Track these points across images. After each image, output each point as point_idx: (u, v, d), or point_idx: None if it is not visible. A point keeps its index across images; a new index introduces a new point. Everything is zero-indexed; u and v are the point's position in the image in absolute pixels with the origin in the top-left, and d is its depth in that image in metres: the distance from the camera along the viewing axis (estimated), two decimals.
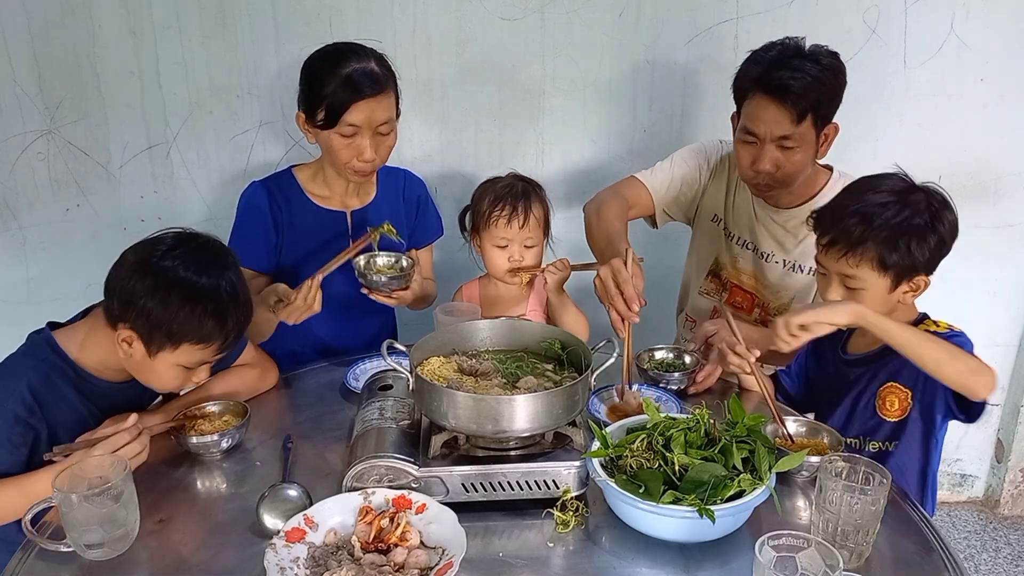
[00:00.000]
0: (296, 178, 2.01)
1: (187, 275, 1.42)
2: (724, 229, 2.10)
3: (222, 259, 1.49)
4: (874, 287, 1.52)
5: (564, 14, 2.32)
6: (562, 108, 2.43)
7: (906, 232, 1.49)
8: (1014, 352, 2.75)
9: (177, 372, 1.49)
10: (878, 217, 1.50)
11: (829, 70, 1.79)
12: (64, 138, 2.30)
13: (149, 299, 1.41)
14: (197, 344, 1.45)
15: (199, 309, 1.42)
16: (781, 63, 1.77)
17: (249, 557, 1.27)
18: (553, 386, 1.40)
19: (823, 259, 1.58)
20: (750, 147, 1.86)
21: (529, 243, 1.91)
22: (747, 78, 1.83)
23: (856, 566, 1.24)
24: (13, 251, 2.37)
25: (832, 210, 1.58)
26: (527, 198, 1.90)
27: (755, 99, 1.81)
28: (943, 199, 1.54)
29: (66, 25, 2.20)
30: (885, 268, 1.50)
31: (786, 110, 1.77)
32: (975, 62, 2.34)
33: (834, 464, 1.26)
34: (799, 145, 1.81)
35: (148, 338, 1.43)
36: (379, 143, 1.86)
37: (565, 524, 1.33)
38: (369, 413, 1.46)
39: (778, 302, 2.05)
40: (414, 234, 2.14)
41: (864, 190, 1.56)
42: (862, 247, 1.50)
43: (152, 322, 1.42)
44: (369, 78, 1.80)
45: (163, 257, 1.43)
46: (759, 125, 1.81)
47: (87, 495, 1.23)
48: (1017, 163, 2.47)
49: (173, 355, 1.46)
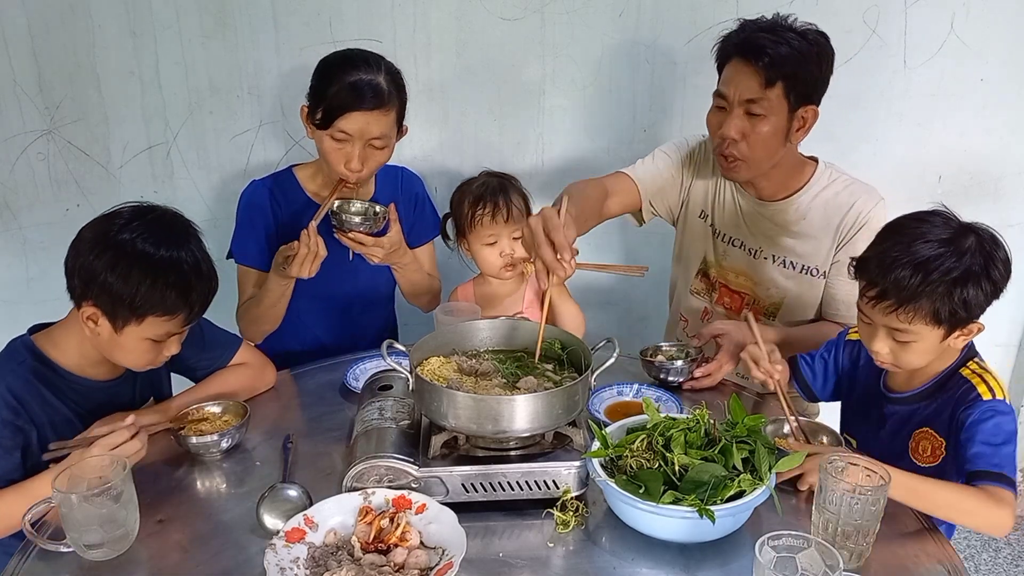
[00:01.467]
0: (296, 176, 2.02)
1: (146, 247, 1.42)
2: (711, 226, 2.06)
3: (181, 230, 1.49)
4: (927, 339, 1.42)
5: (564, 14, 2.32)
6: (562, 108, 2.43)
7: (962, 284, 1.38)
8: (1014, 352, 2.75)
9: (147, 346, 1.48)
10: (933, 271, 1.38)
11: (814, 45, 1.76)
12: (64, 138, 2.30)
13: (110, 273, 1.40)
14: (162, 316, 1.45)
15: (161, 280, 1.41)
16: (764, 30, 1.76)
17: (249, 557, 1.27)
18: (553, 386, 1.40)
19: (868, 310, 1.46)
20: (719, 112, 1.85)
21: (517, 234, 1.91)
22: (727, 43, 1.82)
23: (856, 566, 1.25)
24: (13, 251, 2.37)
25: (879, 260, 1.44)
26: (505, 192, 1.91)
27: (731, 63, 1.81)
28: (993, 239, 1.43)
29: (66, 25, 2.21)
30: (939, 322, 1.40)
31: (756, 71, 1.75)
32: (975, 62, 2.34)
33: (834, 464, 1.26)
34: (766, 113, 1.77)
35: (112, 314, 1.43)
36: (369, 155, 1.86)
37: (565, 524, 1.33)
38: (369, 413, 1.46)
39: (769, 300, 2.01)
40: (412, 231, 2.14)
41: (912, 238, 1.43)
42: (916, 303, 1.39)
43: (115, 297, 1.41)
44: (373, 90, 1.80)
45: (120, 231, 1.42)
46: (729, 87, 1.80)
47: (87, 495, 1.23)
48: (1017, 163, 2.47)
49: (139, 328, 1.45)
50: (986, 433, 1.37)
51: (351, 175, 1.87)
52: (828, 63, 1.81)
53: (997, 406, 1.40)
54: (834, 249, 1.92)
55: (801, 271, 1.95)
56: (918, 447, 1.51)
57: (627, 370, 1.86)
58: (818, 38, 1.78)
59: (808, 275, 1.95)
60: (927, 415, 1.51)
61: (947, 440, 1.47)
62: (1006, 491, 1.32)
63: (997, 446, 1.36)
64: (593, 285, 2.62)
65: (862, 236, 1.85)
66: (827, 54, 1.81)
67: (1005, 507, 1.31)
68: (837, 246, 1.91)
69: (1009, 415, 1.40)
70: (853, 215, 1.88)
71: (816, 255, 1.93)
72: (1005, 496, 1.32)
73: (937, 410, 1.49)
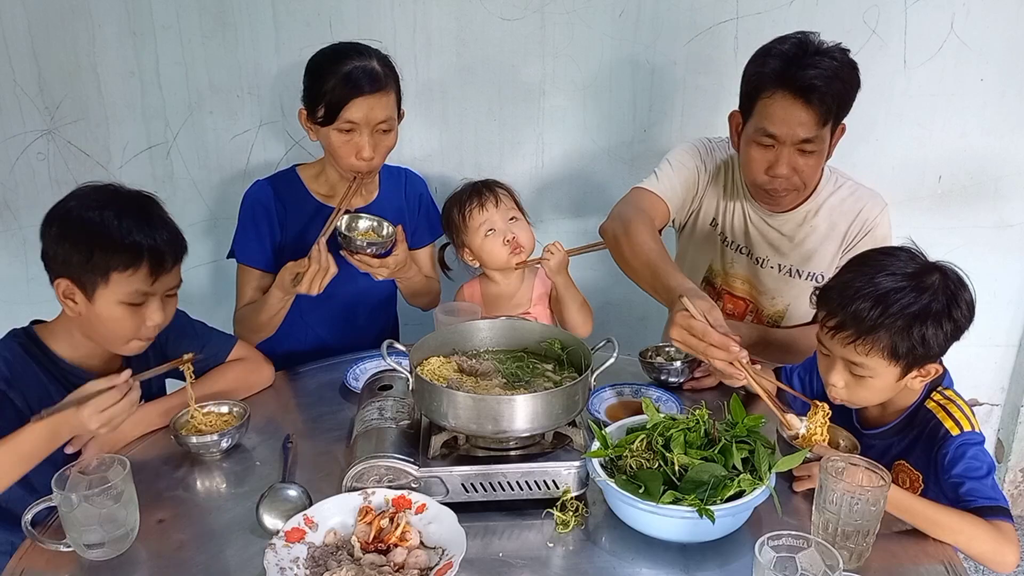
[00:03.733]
0: (300, 176, 2.01)
1: (91, 211, 1.46)
2: (720, 234, 2.03)
3: (129, 193, 1.53)
4: (882, 375, 1.40)
5: (564, 14, 2.32)
6: (562, 108, 2.43)
7: (922, 320, 1.35)
8: (1014, 352, 2.75)
9: (124, 312, 1.48)
10: (893, 304, 1.35)
11: (847, 67, 1.68)
12: (64, 138, 2.30)
13: (63, 243, 1.45)
14: (125, 271, 1.46)
15: (110, 233, 1.44)
16: (801, 59, 1.65)
17: (249, 557, 1.27)
18: (553, 386, 1.40)
19: (827, 341, 1.44)
20: (766, 150, 1.75)
21: (512, 216, 1.90)
22: (764, 74, 1.69)
23: (856, 566, 1.25)
24: (13, 251, 2.37)
25: (839, 291, 1.42)
26: (487, 185, 1.92)
27: (776, 98, 1.68)
28: (959, 279, 1.40)
29: (66, 25, 2.21)
30: (897, 358, 1.37)
31: (812, 110, 1.65)
32: (975, 62, 2.34)
33: (834, 464, 1.26)
34: (818, 149, 1.73)
35: (80, 281, 1.46)
36: (378, 142, 1.86)
37: (565, 524, 1.33)
38: (369, 413, 1.46)
39: (773, 308, 2.01)
40: (415, 232, 2.14)
41: (876, 270, 1.41)
42: (873, 335, 1.36)
43: (75, 264, 1.45)
44: (369, 75, 1.81)
45: (67, 201, 1.49)
46: (780, 127, 1.69)
47: (87, 495, 1.23)
48: (1017, 163, 2.47)
49: (108, 291, 1.46)
50: (968, 469, 1.36)
51: (364, 164, 1.86)
52: (859, 82, 1.74)
53: (968, 439, 1.39)
54: (839, 254, 1.92)
55: (806, 278, 1.95)
56: (896, 479, 1.49)
57: (627, 370, 1.85)
58: (847, 58, 1.70)
59: (813, 281, 1.94)
60: (901, 449, 1.51)
61: (925, 474, 1.47)
62: (1007, 524, 1.31)
63: (982, 479, 1.35)
64: (593, 285, 2.62)
65: (866, 243, 1.86)
66: (857, 72, 1.73)
67: (1009, 542, 1.30)
68: (842, 252, 1.91)
69: (981, 444, 1.39)
70: (859, 222, 1.88)
71: (821, 262, 1.93)
72: (1007, 529, 1.31)
73: (909, 445, 1.49)
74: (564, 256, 1.87)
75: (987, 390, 2.80)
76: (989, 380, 2.78)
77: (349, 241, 1.87)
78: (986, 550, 1.30)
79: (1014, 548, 1.30)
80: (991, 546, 1.30)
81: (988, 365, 2.75)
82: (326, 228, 1.83)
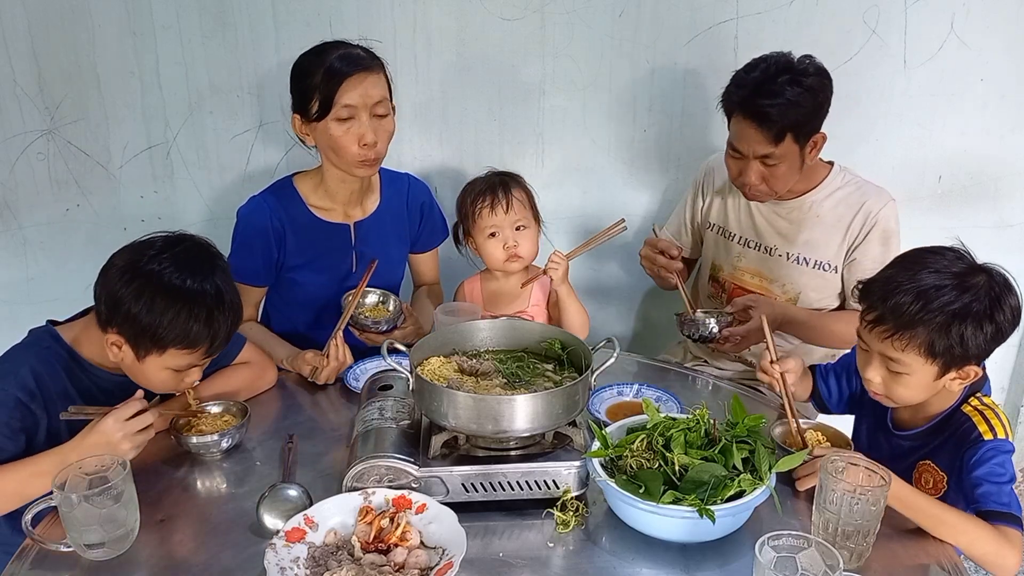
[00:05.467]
0: (297, 190, 1.97)
1: (172, 280, 1.42)
2: (721, 233, 2.16)
3: (210, 263, 1.49)
4: (918, 373, 1.39)
5: (564, 14, 2.32)
6: (562, 108, 2.43)
7: (962, 319, 1.34)
8: (1014, 352, 2.75)
9: (167, 375, 1.50)
10: (933, 300, 1.34)
11: (810, 91, 1.81)
12: (64, 138, 2.30)
13: (134, 304, 1.41)
14: (183, 349, 1.46)
15: (184, 314, 1.42)
16: (762, 87, 1.81)
17: (249, 557, 1.27)
18: (553, 386, 1.40)
19: (865, 335, 1.43)
20: (737, 160, 1.94)
21: (519, 225, 1.90)
22: (730, 100, 1.89)
23: (856, 566, 1.25)
24: (13, 251, 2.36)
25: (882, 284, 1.41)
26: (505, 185, 1.91)
27: (737, 120, 1.88)
28: (1006, 282, 1.38)
29: (66, 25, 2.20)
30: (934, 356, 1.36)
31: (764, 133, 1.83)
32: (975, 62, 2.34)
33: (834, 464, 1.26)
34: (782, 161, 1.87)
35: (135, 343, 1.44)
36: (377, 127, 1.83)
37: (565, 524, 1.33)
38: (369, 413, 1.46)
39: (785, 296, 2.07)
40: (419, 240, 2.14)
41: (919, 267, 1.39)
42: (911, 331, 1.35)
43: (138, 327, 1.42)
44: (355, 58, 1.81)
45: (149, 261, 1.43)
46: (742, 144, 1.89)
47: (87, 495, 1.23)
48: (1017, 163, 2.47)
49: (160, 359, 1.46)
50: (991, 473, 1.35)
51: (369, 151, 1.83)
52: (828, 97, 1.88)
53: (1000, 445, 1.38)
54: (846, 247, 2.00)
55: (814, 266, 2.03)
56: (920, 478, 1.50)
57: (627, 370, 1.86)
58: (816, 81, 1.84)
59: (821, 270, 2.02)
60: (930, 449, 1.50)
61: (949, 475, 1.46)
62: (1015, 530, 1.31)
63: (1001, 484, 1.34)
64: (593, 284, 2.62)
65: (873, 237, 1.96)
66: (827, 92, 1.87)
67: (1013, 547, 1.30)
68: (850, 247, 1.99)
69: (1010, 453, 1.38)
70: (863, 215, 1.97)
71: (828, 250, 2.01)
72: (1013, 536, 1.31)
73: (939, 445, 1.48)
74: (567, 265, 1.89)
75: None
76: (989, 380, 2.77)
77: (355, 319, 1.88)
78: (988, 552, 1.30)
79: (1016, 554, 1.29)
80: (993, 549, 1.29)
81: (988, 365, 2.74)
82: (341, 321, 1.82)
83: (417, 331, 1.94)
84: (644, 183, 2.53)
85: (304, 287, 2.01)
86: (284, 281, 2.01)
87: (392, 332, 1.91)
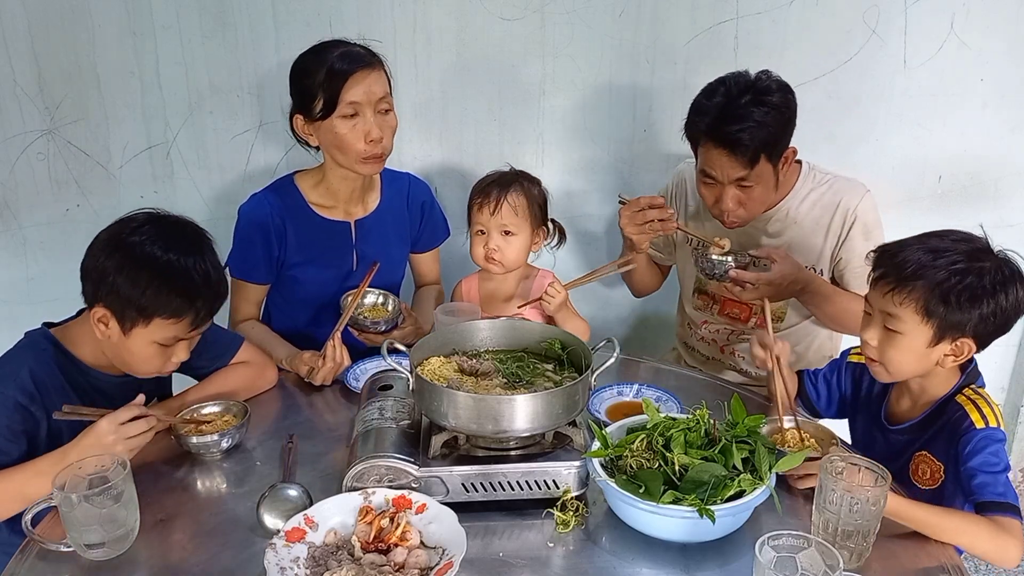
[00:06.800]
0: (298, 187, 1.98)
1: (154, 250, 1.45)
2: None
3: (192, 236, 1.52)
4: (912, 334, 1.41)
5: (564, 14, 2.32)
6: (562, 108, 2.43)
7: (961, 283, 1.36)
8: (1014, 352, 2.75)
9: (154, 350, 1.50)
10: (939, 258, 1.39)
11: (776, 109, 1.78)
12: (64, 138, 2.30)
13: (118, 275, 1.43)
14: (168, 319, 1.46)
15: (168, 282, 1.44)
16: (727, 112, 1.77)
17: (249, 557, 1.27)
18: (553, 386, 1.40)
19: (870, 294, 1.48)
20: (711, 187, 1.89)
21: (507, 230, 1.88)
22: (696, 128, 1.84)
23: (856, 566, 1.25)
24: (13, 251, 2.36)
25: (895, 245, 1.47)
26: (507, 187, 1.88)
27: (707, 148, 1.83)
28: (1015, 271, 1.40)
29: (66, 25, 2.20)
30: (928, 316, 1.39)
31: (738, 159, 1.79)
32: (975, 62, 2.34)
33: (834, 464, 1.26)
34: (757, 182, 1.84)
35: (121, 315, 1.45)
36: (382, 122, 1.85)
37: (565, 524, 1.33)
38: (369, 413, 1.46)
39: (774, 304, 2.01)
40: (420, 239, 2.14)
41: (932, 237, 1.45)
42: (911, 285, 1.39)
43: (123, 298, 1.44)
44: (356, 55, 1.82)
45: (132, 233, 1.46)
46: (717, 171, 1.84)
47: (87, 495, 1.24)
48: (1017, 163, 2.47)
49: (146, 331, 1.46)
50: (985, 463, 1.36)
51: (375, 148, 1.84)
52: (794, 111, 1.85)
53: (992, 434, 1.40)
54: (830, 249, 1.97)
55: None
56: (917, 469, 1.51)
57: (627, 370, 1.86)
58: (780, 98, 1.80)
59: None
60: (925, 440, 1.51)
61: (945, 465, 1.47)
62: (1013, 520, 1.32)
63: (997, 474, 1.36)
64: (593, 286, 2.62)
65: (855, 233, 1.94)
66: (792, 107, 1.84)
67: (1014, 538, 1.30)
68: (834, 248, 1.97)
69: (1002, 441, 1.40)
70: (841, 214, 1.95)
71: (811, 253, 1.98)
72: (1012, 526, 1.31)
73: (934, 436, 1.49)
74: (564, 296, 1.87)
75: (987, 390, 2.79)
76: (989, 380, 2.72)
77: (354, 319, 1.88)
78: (988, 548, 1.31)
79: (1017, 544, 1.30)
80: (993, 544, 1.30)
81: (988, 365, 2.72)
82: (340, 323, 1.82)
83: (416, 331, 1.94)
84: (644, 183, 2.52)
85: (304, 285, 2.01)
86: (285, 279, 2.01)
87: (391, 332, 1.91)
